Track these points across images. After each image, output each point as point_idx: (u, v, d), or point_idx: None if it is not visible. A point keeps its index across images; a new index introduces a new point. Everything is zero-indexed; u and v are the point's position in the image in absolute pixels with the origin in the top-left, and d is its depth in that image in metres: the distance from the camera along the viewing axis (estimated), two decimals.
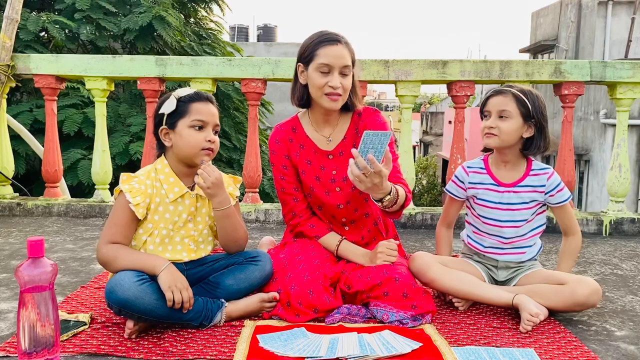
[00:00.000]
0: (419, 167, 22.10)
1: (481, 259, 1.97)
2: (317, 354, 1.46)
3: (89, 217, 3.43)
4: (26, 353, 1.30)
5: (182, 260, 1.75)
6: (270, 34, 24.76)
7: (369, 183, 1.65)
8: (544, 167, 1.91)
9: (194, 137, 1.71)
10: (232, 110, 7.30)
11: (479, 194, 1.94)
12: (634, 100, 3.33)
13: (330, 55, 1.83)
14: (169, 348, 1.52)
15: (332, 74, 1.84)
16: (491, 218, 1.92)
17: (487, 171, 1.94)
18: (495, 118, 1.85)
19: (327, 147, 1.98)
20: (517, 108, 1.83)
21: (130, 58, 3.43)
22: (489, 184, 1.93)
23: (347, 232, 2.02)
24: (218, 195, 1.72)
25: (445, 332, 1.66)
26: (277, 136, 2.01)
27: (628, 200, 9.36)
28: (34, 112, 5.59)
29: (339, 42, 1.85)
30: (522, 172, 1.90)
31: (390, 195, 1.73)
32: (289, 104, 2.04)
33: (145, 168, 1.79)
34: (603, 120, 11.45)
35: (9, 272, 2.23)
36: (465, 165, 2.00)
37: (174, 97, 1.73)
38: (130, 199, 1.65)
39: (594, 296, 1.72)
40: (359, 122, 1.99)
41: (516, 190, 1.89)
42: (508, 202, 1.89)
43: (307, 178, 1.98)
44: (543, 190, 1.88)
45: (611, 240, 3.09)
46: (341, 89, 1.85)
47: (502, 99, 1.85)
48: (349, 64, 1.85)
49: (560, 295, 1.74)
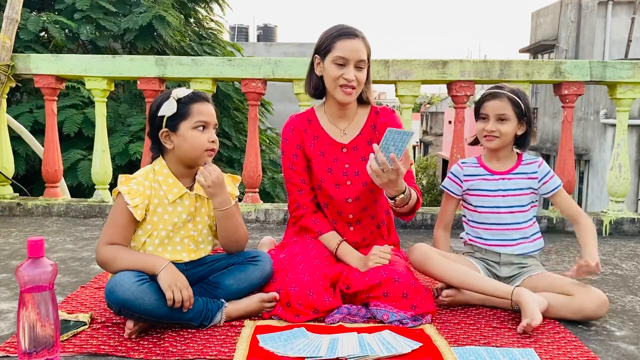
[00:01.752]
0: (419, 167, 22.12)
1: (483, 255, 1.99)
2: (317, 354, 1.46)
3: (89, 217, 3.43)
4: (26, 353, 1.30)
5: (182, 260, 1.75)
6: (270, 34, 24.74)
7: (385, 179, 1.69)
8: (534, 158, 2.02)
9: (198, 138, 1.71)
10: (232, 110, 7.30)
11: (474, 185, 2.01)
12: (634, 100, 3.33)
13: (347, 49, 1.86)
14: (169, 348, 1.52)
15: (348, 67, 1.87)
16: (488, 206, 1.98)
17: (481, 164, 2.03)
18: (494, 122, 1.93)
19: (342, 140, 2.00)
20: (513, 110, 1.93)
21: (130, 58, 3.43)
22: (483, 174, 2.01)
23: (350, 233, 2.01)
24: (219, 195, 1.72)
25: (445, 332, 1.66)
26: (291, 125, 2.03)
27: (628, 200, 9.35)
28: (34, 113, 5.58)
29: (357, 36, 1.88)
30: (514, 162, 2.00)
31: (404, 194, 1.76)
32: (289, 104, 2.05)
33: (144, 169, 1.78)
34: (603, 120, 11.45)
35: (9, 272, 2.24)
36: (459, 161, 2.10)
37: (173, 98, 1.71)
38: (128, 200, 1.65)
39: (602, 309, 1.75)
40: (376, 119, 2.01)
41: (510, 177, 1.97)
42: (504, 188, 1.97)
43: (318, 169, 1.99)
44: (536, 177, 1.96)
45: (611, 240, 3.09)
46: (355, 82, 1.88)
47: (499, 104, 1.93)
48: (365, 58, 1.88)
49: (568, 308, 1.75)
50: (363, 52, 1.88)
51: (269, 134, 8.28)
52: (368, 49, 1.91)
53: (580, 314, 1.75)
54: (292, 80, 3.33)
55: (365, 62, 1.89)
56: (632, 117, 7.08)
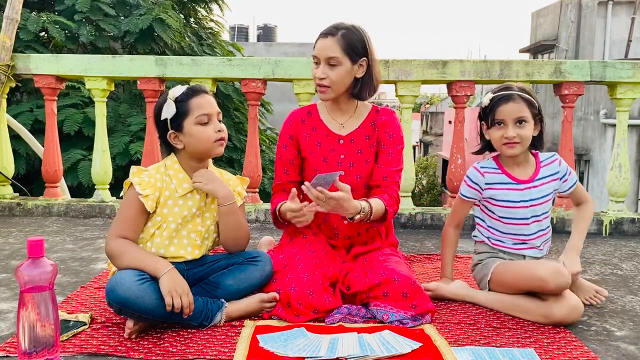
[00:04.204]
0: (419, 167, 22.07)
1: (508, 256, 1.92)
2: (317, 354, 1.46)
3: (89, 217, 3.43)
4: (26, 353, 1.30)
5: (185, 257, 1.75)
6: (270, 34, 24.73)
7: (329, 206, 1.74)
8: (550, 155, 1.93)
9: (204, 132, 1.73)
10: (232, 110, 7.30)
11: (498, 195, 1.89)
12: (634, 100, 3.33)
13: (317, 48, 1.91)
14: (169, 348, 1.52)
15: (319, 65, 1.90)
16: (514, 217, 1.88)
17: (502, 171, 1.90)
18: (513, 126, 1.81)
19: (340, 132, 2.01)
20: (530, 111, 1.82)
21: (130, 58, 3.43)
22: (508, 183, 1.88)
23: (345, 226, 2.00)
24: (220, 190, 1.75)
25: (445, 332, 1.66)
26: (291, 117, 2.09)
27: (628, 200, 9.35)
28: (34, 112, 5.58)
29: (329, 34, 1.89)
30: (534, 166, 1.90)
31: (360, 214, 1.79)
32: (289, 104, 2.07)
33: (155, 164, 1.81)
34: (603, 120, 11.45)
35: (9, 272, 2.24)
36: (478, 166, 1.94)
37: (170, 100, 1.72)
38: (140, 191, 1.66)
39: (572, 314, 1.71)
40: (377, 117, 2.02)
41: (536, 185, 1.88)
42: (530, 198, 1.87)
43: (314, 159, 2.00)
44: (558, 177, 1.90)
45: (611, 240, 3.09)
46: (327, 80, 1.89)
47: (516, 107, 1.80)
48: (335, 55, 1.87)
49: (538, 312, 1.73)
50: (333, 50, 1.86)
51: (269, 134, 8.29)
52: (346, 46, 1.87)
53: (550, 318, 1.71)
54: (292, 80, 3.33)
55: (337, 59, 1.87)
56: (632, 117, 7.07)
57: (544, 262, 1.82)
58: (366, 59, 1.92)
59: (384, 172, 1.97)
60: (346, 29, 1.89)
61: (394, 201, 1.93)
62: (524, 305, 1.76)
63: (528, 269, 1.76)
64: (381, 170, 1.98)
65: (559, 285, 1.69)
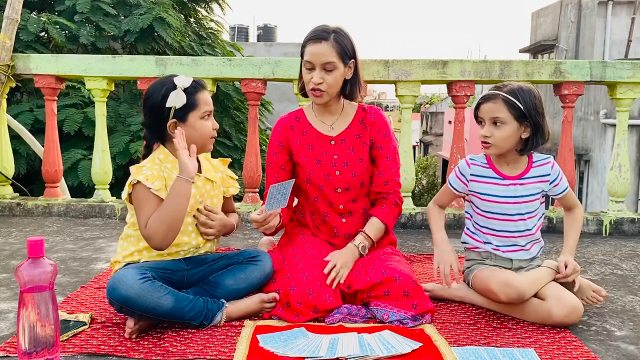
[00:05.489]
0: (419, 167, 22.09)
1: (495, 261, 1.89)
2: (317, 354, 1.46)
3: (89, 217, 3.43)
4: (26, 353, 1.30)
5: (190, 243, 1.77)
6: (270, 34, 24.73)
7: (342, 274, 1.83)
8: (545, 157, 1.89)
9: (206, 127, 1.78)
10: (232, 110, 7.29)
11: (482, 188, 1.88)
12: (634, 100, 3.33)
13: (312, 53, 1.88)
14: (169, 348, 1.52)
15: (314, 70, 1.89)
16: (497, 212, 1.87)
17: (490, 166, 1.89)
18: (489, 126, 1.80)
19: (330, 134, 2.02)
20: (509, 112, 1.77)
21: (130, 58, 3.43)
22: (493, 177, 1.87)
23: (343, 225, 2.01)
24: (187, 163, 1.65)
25: (445, 332, 1.66)
26: (279, 124, 2.09)
27: (628, 200, 9.34)
28: (35, 112, 5.59)
29: (323, 39, 1.87)
30: (525, 165, 1.88)
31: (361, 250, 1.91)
32: (289, 104, 2.07)
33: (147, 159, 1.78)
34: (603, 120, 11.44)
35: (9, 272, 2.24)
36: (468, 157, 1.94)
37: (180, 89, 1.71)
38: (149, 185, 1.66)
39: (572, 316, 1.70)
40: (365, 115, 2.03)
41: (522, 183, 1.85)
42: (515, 194, 1.85)
43: (307, 162, 2.01)
44: (548, 180, 1.86)
45: (611, 240, 3.09)
46: (324, 85, 1.89)
47: (492, 106, 1.79)
48: (332, 60, 1.87)
49: (538, 313, 1.73)
50: (329, 55, 1.86)
51: (269, 134, 8.28)
52: (340, 50, 1.87)
53: (549, 319, 1.70)
54: (292, 80, 3.33)
55: (333, 64, 1.87)
56: (632, 117, 7.07)
57: (502, 273, 1.80)
58: (354, 60, 1.93)
59: (385, 178, 2.00)
60: (335, 32, 1.89)
61: (392, 209, 2.01)
62: (521, 306, 1.76)
63: (485, 280, 1.80)
64: (382, 177, 2.00)
65: (508, 297, 1.73)
